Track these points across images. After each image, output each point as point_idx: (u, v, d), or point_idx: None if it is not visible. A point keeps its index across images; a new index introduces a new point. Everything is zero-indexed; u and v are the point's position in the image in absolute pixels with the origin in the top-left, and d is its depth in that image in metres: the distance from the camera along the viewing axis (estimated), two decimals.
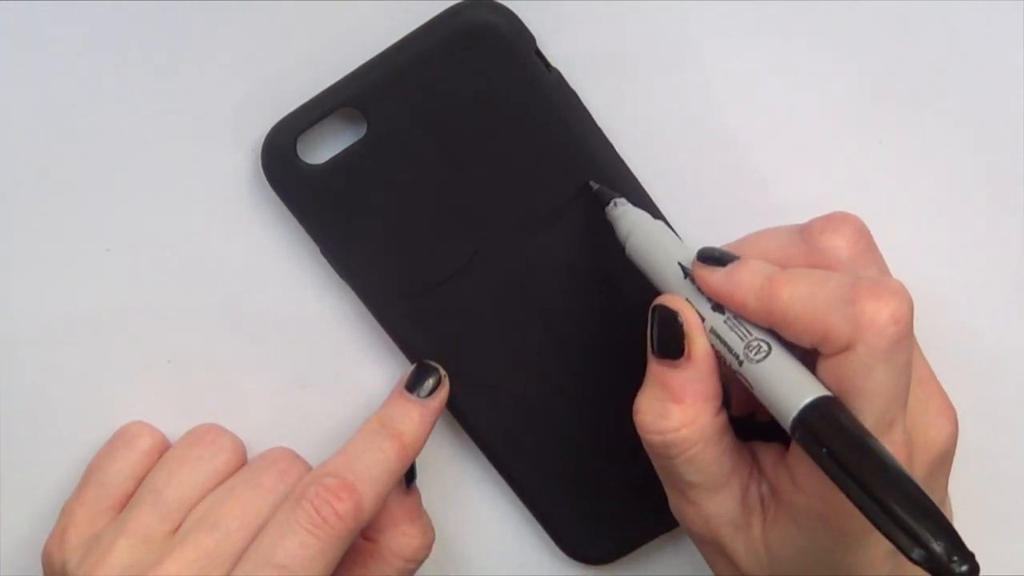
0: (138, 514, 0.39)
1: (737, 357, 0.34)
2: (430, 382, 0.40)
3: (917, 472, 0.35)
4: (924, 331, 0.42)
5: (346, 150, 0.39)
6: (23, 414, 0.42)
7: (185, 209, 0.41)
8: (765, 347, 0.34)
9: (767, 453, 0.37)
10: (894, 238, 0.41)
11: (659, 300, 0.36)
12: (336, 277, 0.41)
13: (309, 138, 0.39)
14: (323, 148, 0.40)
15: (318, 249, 0.40)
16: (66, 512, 0.40)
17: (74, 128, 0.40)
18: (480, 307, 0.40)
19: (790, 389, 0.33)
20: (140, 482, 0.41)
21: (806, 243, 0.36)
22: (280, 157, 0.39)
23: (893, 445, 0.33)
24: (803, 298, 0.34)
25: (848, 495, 0.31)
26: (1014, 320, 0.42)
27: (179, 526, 0.39)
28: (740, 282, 0.35)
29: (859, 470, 0.31)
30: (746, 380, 0.34)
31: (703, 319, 0.35)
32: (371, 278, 0.40)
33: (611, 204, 0.39)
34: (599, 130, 0.40)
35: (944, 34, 0.40)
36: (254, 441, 0.42)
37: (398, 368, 0.42)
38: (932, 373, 0.37)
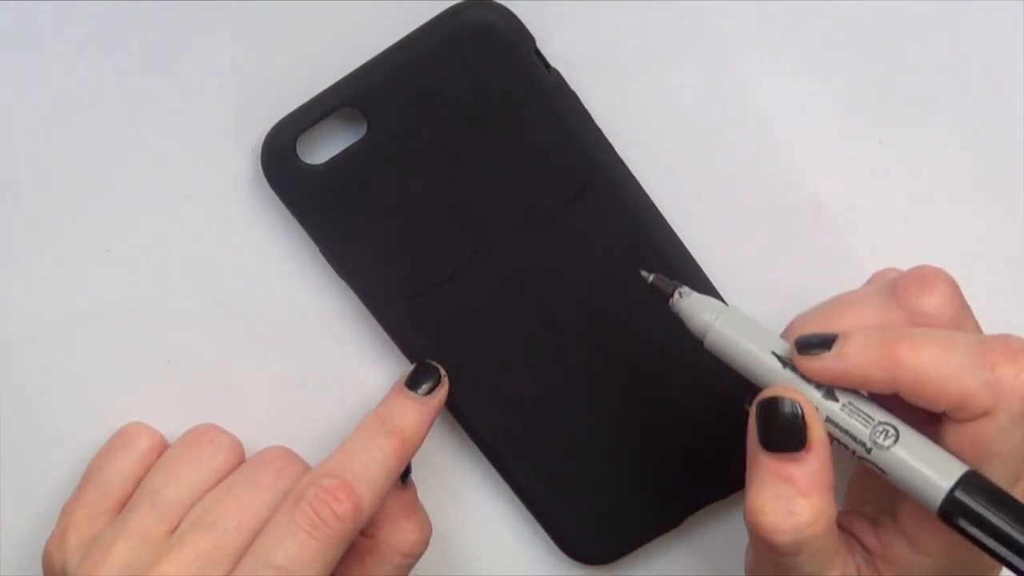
0: (137, 515, 0.39)
1: (864, 445, 0.33)
2: (429, 381, 0.40)
3: None
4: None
5: (346, 150, 0.39)
6: (23, 414, 0.42)
7: (185, 209, 0.41)
8: (892, 431, 0.33)
9: (858, 523, 0.37)
10: (894, 238, 0.41)
11: (768, 393, 0.34)
12: (336, 277, 0.41)
13: (309, 138, 0.39)
14: (323, 148, 0.40)
15: (318, 249, 0.40)
16: (66, 513, 0.40)
17: (74, 128, 0.40)
18: (480, 307, 0.40)
19: (930, 472, 0.33)
20: (139, 483, 0.41)
21: (903, 307, 0.36)
22: (280, 157, 0.39)
23: (1018, 496, 0.33)
24: (932, 364, 0.33)
25: (1012, 568, 0.32)
26: (1015, 320, 0.42)
27: (178, 526, 0.39)
28: (853, 359, 0.34)
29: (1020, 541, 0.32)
30: (876, 467, 0.34)
31: (838, 414, 0.34)
32: (371, 278, 0.40)
33: (675, 296, 0.36)
34: (599, 130, 0.40)
35: (944, 34, 0.40)
36: (254, 441, 0.42)
37: (398, 368, 0.42)
38: None
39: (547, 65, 0.39)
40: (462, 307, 0.40)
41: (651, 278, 0.37)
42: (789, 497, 0.33)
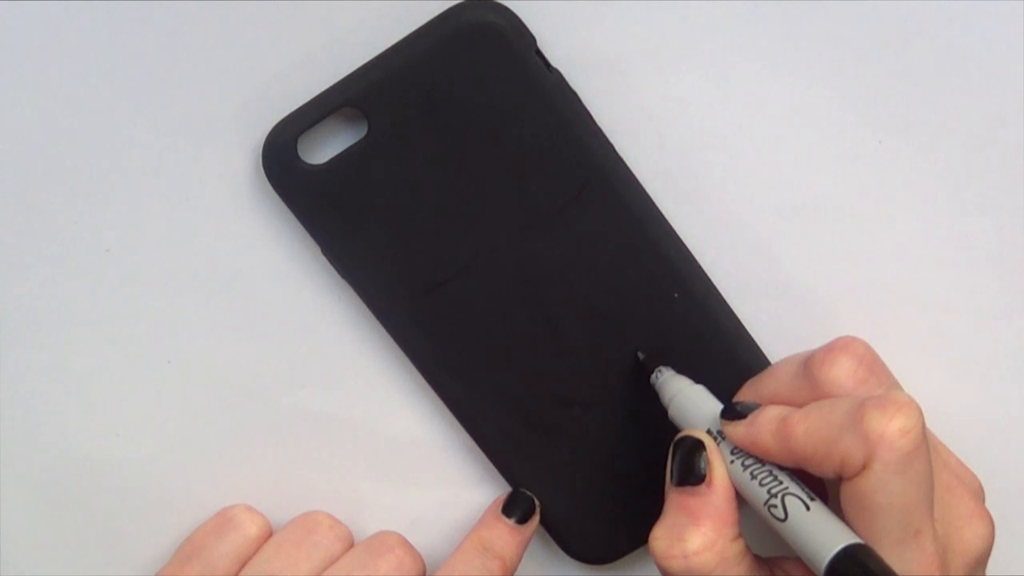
0: None
1: (764, 513, 0.35)
2: (524, 510, 0.41)
3: (955, 574, 0.36)
4: (924, 331, 0.42)
5: (347, 150, 0.39)
6: (21, 414, 0.42)
7: (186, 209, 0.41)
8: (781, 508, 0.34)
9: (791, 568, 0.37)
10: (894, 238, 0.41)
11: (681, 433, 0.37)
12: (337, 277, 0.41)
13: (310, 138, 0.39)
14: (324, 148, 0.40)
15: (319, 249, 0.40)
16: None
17: (74, 128, 0.40)
18: (481, 307, 0.40)
19: (812, 548, 0.33)
20: (242, 567, 0.41)
21: (809, 379, 0.37)
22: (281, 157, 0.39)
23: (923, 553, 0.33)
24: (815, 430, 0.34)
25: None
26: (1014, 320, 0.42)
27: None
28: (760, 429, 0.36)
29: None
30: (783, 535, 0.35)
31: (744, 477, 0.36)
32: (373, 278, 0.40)
33: (655, 373, 0.40)
34: (599, 130, 0.40)
35: (944, 34, 0.40)
36: (254, 439, 0.42)
37: (398, 368, 0.42)
38: (958, 479, 0.37)
39: (548, 65, 0.39)
40: (463, 307, 0.40)
41: (642, 356, 0.41)
42: (683, 526, 0.36)
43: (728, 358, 0.41)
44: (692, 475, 0.36)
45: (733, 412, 0.37)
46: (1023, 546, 0.42)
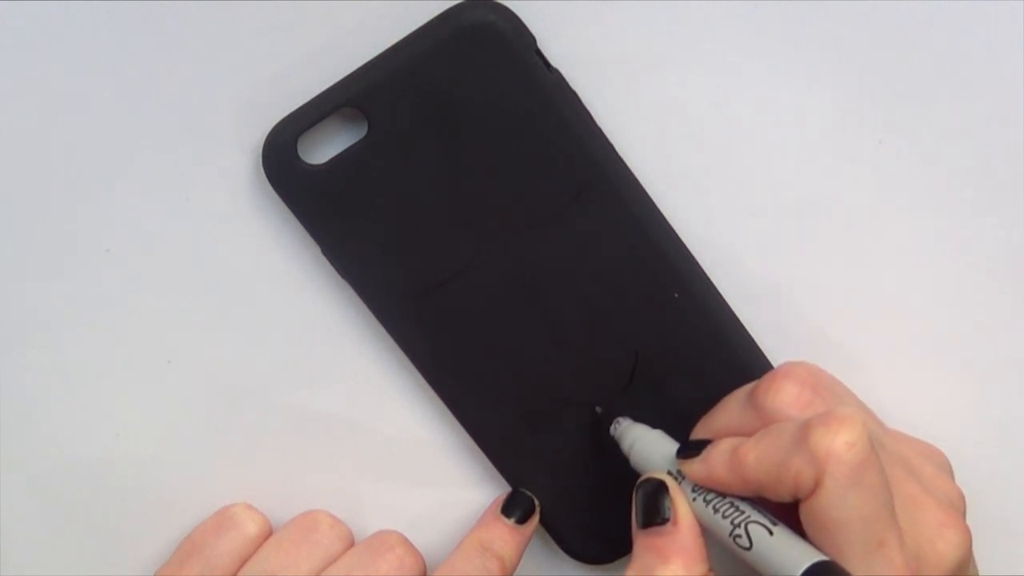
0: None
1: (735, 540, 0.35)
2: (523, 510, 0.42)
3: None
4: (924, 332, 0.42)
5: (347, 150, 0.39)
6: (21, 414, 0.42)
7: (185, 209, 0.41)
8: (745, 537, 0.35)
9: None
10: (894, 238, 0.41)
11: (642, 477, 0.38)
12: (337, 277, 0.41)
13: (310, 138, 0.39)
14: (324, 148, 0.40)
15: (319, 249, 0.40)
16: None
17: (74, 128, 0.40)
18: (481, 307, 0.40)
19: (783, 563, 0.34)
20: (242, 565, 0.41)
21: (755, 409, 0.37)
22: (281, 157, 0.39)
23: (890, 564, 0.33)
24: (765, 456, 0.35)
25: None
26: (1014, 320, 0.42)
27: None
28: (714, 463, 0.36)
29: None
30: (751, 563, 0.35)
31: (707, 512, 0.36)
32: (372, 278, 0.40)
33: (613, 425, 0.41)
34: (599, 130, 0.40)
35: (944, 34, 0.40)
36: (255, 440, 0.42)
37: (399, 367, 0.42)
38: (923, 489, 0.37)
39: (548, 65, 0.39)
40: (463, 307, 0.40)
41: (599, 411, 0.41)
42: (652, 566, 0.36)
43: (728, 358, 0.41)
44: (657, 516, 0.36)
45: (687, 450, 0.37)
46: (1023, 546, 0.42)
